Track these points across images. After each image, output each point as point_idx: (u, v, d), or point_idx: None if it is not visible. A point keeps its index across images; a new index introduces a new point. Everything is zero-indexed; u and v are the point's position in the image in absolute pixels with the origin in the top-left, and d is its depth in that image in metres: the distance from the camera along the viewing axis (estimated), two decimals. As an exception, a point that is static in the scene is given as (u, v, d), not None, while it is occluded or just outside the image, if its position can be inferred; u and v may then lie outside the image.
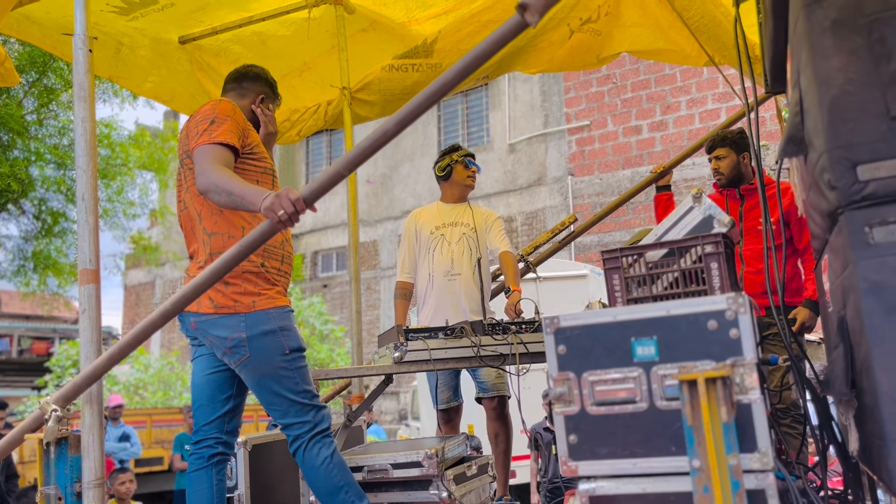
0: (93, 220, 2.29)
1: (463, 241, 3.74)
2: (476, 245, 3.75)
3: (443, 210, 3.87)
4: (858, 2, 1.86)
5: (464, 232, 3.77)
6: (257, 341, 2.29)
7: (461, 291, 3.68)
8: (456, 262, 3.71)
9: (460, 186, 3.87)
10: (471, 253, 3.74)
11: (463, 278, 3.69)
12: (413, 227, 3.88)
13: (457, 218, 3.81)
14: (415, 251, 3.85)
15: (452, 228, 3.78)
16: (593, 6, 3.83)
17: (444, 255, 3.72)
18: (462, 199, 3.90)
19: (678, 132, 12.32)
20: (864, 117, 1.81)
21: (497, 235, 3.77)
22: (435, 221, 3.83)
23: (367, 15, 4.07)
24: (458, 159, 3.84)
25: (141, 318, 19.70)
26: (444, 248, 3.74)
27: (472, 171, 3.86)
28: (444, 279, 3.70)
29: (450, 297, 3.67)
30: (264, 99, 2.66)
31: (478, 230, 3.76)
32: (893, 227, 1.76)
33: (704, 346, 1.78)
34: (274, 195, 1.95)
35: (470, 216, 3.81)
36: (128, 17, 3.80)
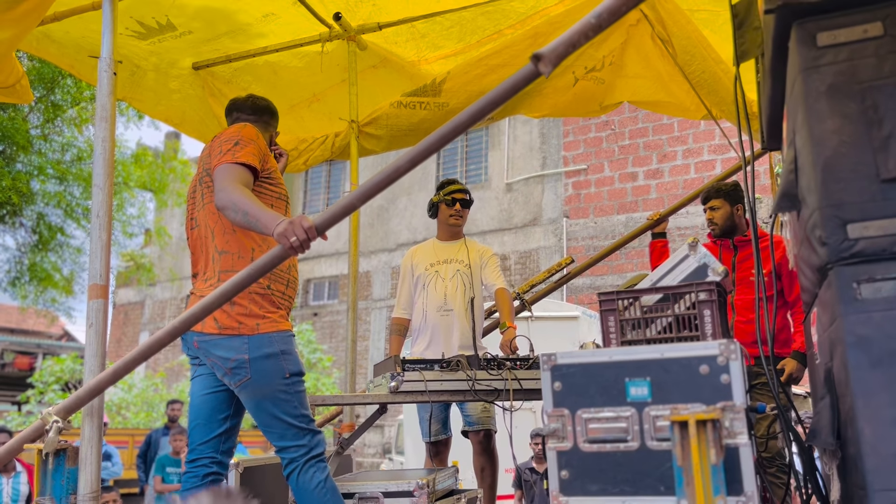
0: (105, 236, 2.34)
1: (457, 277, 3.80)
2: (470, 282, 3.80)
3: (438, 247, 3.93)
4: (853, 69, 1.96)
5: (458, 269, 3.82)
6: (258, 364, 2.33)
7: (453, 327, 3.73)
8: (449, 298, 3.76)
9: (445, 225, 3.93)
10: (464, 289, 3.79)
11: (456, 314, 3.74)
12: (409, 265, 3.94)
13: (451, 255, 3.87)
14: (411, 288, 3.91)
15: (447, 265, 3.84)
16: (598, 56, 3.96)
17: (438, 291, 3.78)
18: (455, 237, 3.95)
19: (673, 181, 12.50)
20: (855, 178, 1.90)
21: (493, 272, 3.83)
22: (430, 258, 3.89)
23: (378, 52, 4.19)
24: (441, 198, 3.91)
25: (128, 337, 19.58)
26: (437, 284, 3.79)
27: (455, 210, 3.88)
28: (437, 314, 3.75)
29: (442, 332, 3.72)
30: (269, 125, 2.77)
31: (472, 267, 3.82)
32: (881, 284, 1.84)
33: (696, 390, 1.84)
34: (288, 221, 2.02)
35: (465, 253, 3.86)
36: (145, 42, 3.91)
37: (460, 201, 3.90)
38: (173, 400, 9.03)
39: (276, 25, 3.95)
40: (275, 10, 3.81)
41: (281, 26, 3.97)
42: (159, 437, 8.53)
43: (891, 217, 1.85)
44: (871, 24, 1.98)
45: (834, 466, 2.20)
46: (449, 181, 3.98)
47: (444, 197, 3.91)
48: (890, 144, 1.87)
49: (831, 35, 2.00)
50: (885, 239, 1.84)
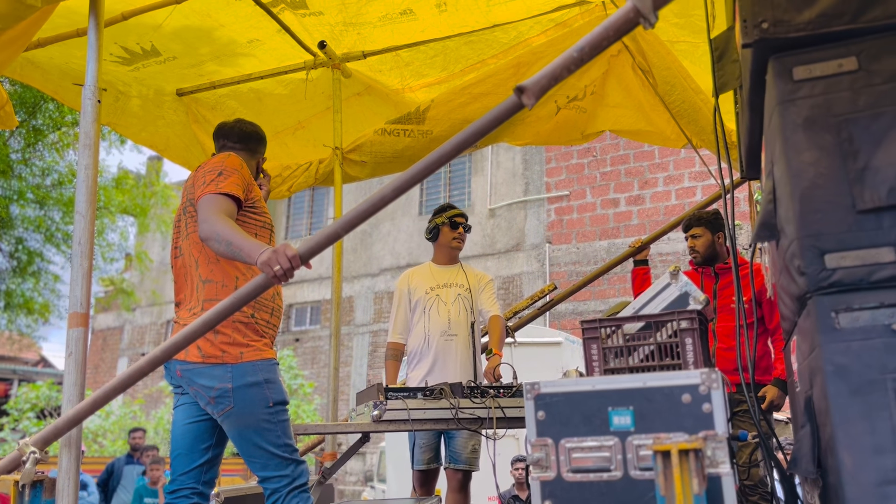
0: (87, 264, 2.33)
1: (459, 301, 3.77)
2: (471, 306, 3.79)
3: (436, 271, 3.90)
4: (829, 102, 2.01)
5: (459, 293, 3.79)
6: (242, 392, 2.32)
7: (457, 352, 3.69)
8: (453, 323, 3.73)
9: (447, 248, 3.91)
10: (467, 314, 3.76)
11: (460, 339, 3.71)
12: (406, 288, 3.89)
13: (451, 279, 3.84)
14: (407, 312, 3.85)
15: (447, 289, 3.81)
16: (580, 85, 4.01)
17: (441, 316, 3.74)
18: (453, 261, 3.93)
19: (654, 207, 12.62)
20: (832, 209, 1.94)
21: (489, 298, 3.83)
22: (429, 282, 3.85)
23: (362, 80, 4.22)
24: (445, 221, 3.90)
25: (106, 363, 19.31)
26: (440, 308, 3.76)
27: (458, 233, 3.89)
28: (441, 339, 3.70)
29: (447, 358, 3.68)
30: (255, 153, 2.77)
31: (472, 291, 3.81)
32: (858, 313, 1.87)
33: (678, 419, 1.85)
34: (271, 250, 2.02)
35: (464, 277, 3.85)
36: (129, 67, 3.91)
37: (462, 225, 3.92)
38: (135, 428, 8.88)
39: (260, 52, 3.98)
40: (259, 37, 3.84)
41: (266, 53, 3.99)
42: (122, 465, 8.35)
43: (867, 247, 1.88)
44: (846, 58, 2.03)
45: (815, 495, 2.22)
46: (449, 205, 3.98)
47: (446, 219, 3.90)
48: (865, 176, 1.91)
49: (807, 69, 2.05)
50: (861, 269, 1.88)
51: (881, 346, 1.81)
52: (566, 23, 3.86)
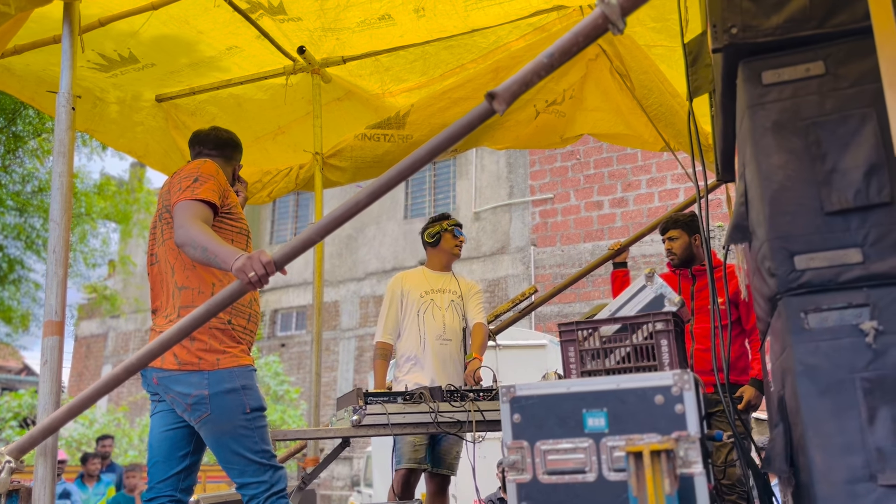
0: (62, 272, 2.32)
1: (452, 308, 3.85)
2: (462, 313, 3.88)
3: (429, 276, 3.97)
4: (797, 106, 2.04)
5: (452, 299, 3.88)
6: (219, 399, 2.31)
7: (450, 357, 3.75)
8: (448, 328, 3.80)
9: (448, 255, 3.99)
10: (459, 321, 3.86)
11: (454, 344, 3.79)
12: (399, 290, 3.93)
13: (444, 285, 3.93)
14: (398, 314, 3.89)
15: (441, 295, 3.88)
16: (559, 90, 4.04)
17: (437, 320, 3.80)
18: (448, 268, 4.03)
19: (638, 209, 12.69)
20: (801, 211, 1.97)
21: (476, 307, 3.91)
22: (423, 286, 3.91)
23: (342, 85, 4.22)
24: (448, 228, 3.98)
25: (90, 370, 19.15)
26: (434, 312, 3.82)
27: (459, 241, 4.01)
28: (436, 342, 3.76)
29: (444, 361, 3.73)
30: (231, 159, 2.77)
31: (464, 298, 3.90)
32: (827, 314, 1.90)
33: (651, 420, 1.87)
34: (246, 256, 2.02)
35: (456, 285, 3.95)
36: (107, 74, 3.90)
37: (462, 234, 4.04)
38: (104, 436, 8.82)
39: (240, 58, 3.97)
40: (238, 44, 3.83)
41: (245, 59, 3.99)
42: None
43: (835, 249, 1.91)
44: (814, 62, 2.06)
45: (789, 494, 2.24)
46: (448, 215, 4.09)
47: (449, 227, 3.99)
48: (833, 179, 1.94)
49: (776, 73, 2.08)
50: (830, 270, 1.90)
51: (849, 345, 1.84)
52: (544, 27, 3.88)
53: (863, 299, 1.87)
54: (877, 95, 1.94)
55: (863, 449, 1.78)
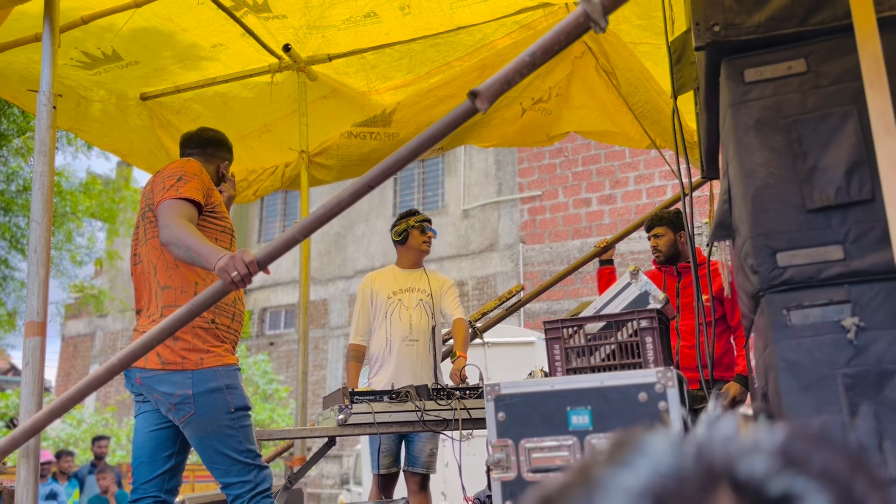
0: (43, 272, 2.30)
1: (420, 307, 3.80)
2: (432, 312, 3.81)
3: (399, 275, 3.92)
4: (779, 104, 2.05)
5: (420, 298, 3.83)
6: (203, 399, 2.30)
7: (418, 357, 3.72)
8: (414, 328, 3.76)
9: (416, 251, 3.93)
10: (428, 319, 3.80)
11: (421, 344, 3.75)
12: (369, 291, 3.91)
13: (413, 284, 3.87)
14: (369, 314, 3.87)
15: (409, 294, 3.84)
16: (545, 87, 4.04)
17: (403, 321, 3.77)
18: (418, 265, 3.96)
19: (626, 206, 12.73)
20: (783, 209, 1.98)
21: (452, 302, 3.85)
22: (392, 286, 3.87)
23: (328, 83, 4.21)
24: (415, 224, 3.92)
25: (77, 370, 19.03)
26: (401, 313, 3.78)
27: (428, 237, 3.93)
28: (402, 344, 3.73)
29: (409, 362, 3.70)
30: (228, 165, 2.77)
31: (434, 296, 3.84)
32: (808, 310, 1.91)
33: (635, 417, 1.87)
34: (229, 256, 2.01)
35: (426, 282, 3.88)
36: (91, 72, 3.87)
37: (431, 229, 3.97)
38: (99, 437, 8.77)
39: (225, 56, 3.95)
40: (223, 42, 3.81)
41: (230, 57, 3.97)
42: (85, 474, 8.26)
43: (816, 246, 1.92)
44: (795, 60, 2.07)
45: (772, 489, 2.25)
46: (416, 210, 4.02)
47: (416, 223, 3.93)
48: (814, 176, 1.95)
49: (758, 71, 2.09)
50: (811, 267, 1.91)
51: (831, 342, 1.85)
52: (530, 25, 3.88)
53: (844, 296, 1.88)
54: (858, 93, 1.94)
55: (844, 444, 1.79)
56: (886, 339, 1.81)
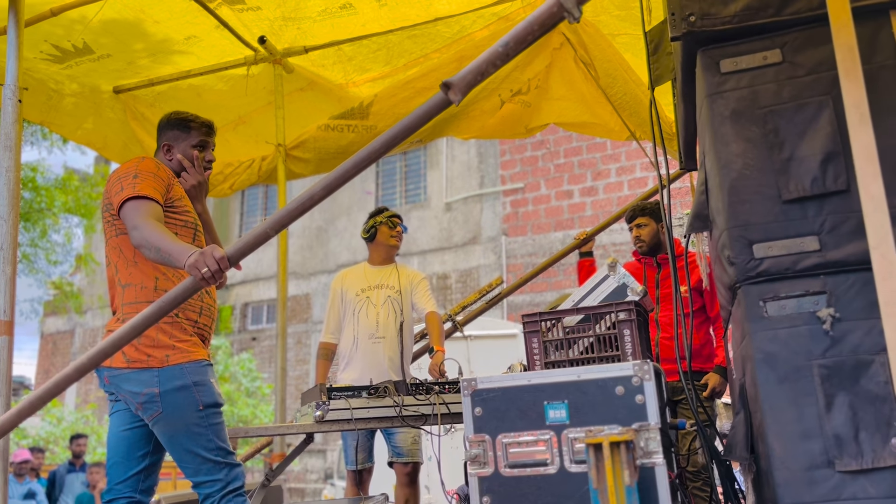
0: (10, 270, 2.25)
1: (388, 304, 3.79)
2: (400, 308, 3.80)
3: (369, 272, 3.91)
4: (754, 94, 2.04)
5: (389, 295, 3.81)
6: (170, 396, 2.26)
7: (384, 355, 3.71)
8: (381, 325, 3.75)
9: (385, 247, 3.92)
10: (395, 316, 3.78)
11: (387, 341, 3.73)
12: (339, 289, 3.90)
13: (382, 280, 3.86)
14: (339, 312, 3.87)
15: (378, 291, 3.82)
16: (523, 79, 4.02)
17: (370, 318, 3.76)
18: (388, 261, 3.94)
19: (608, 198, 12.75)
20: (759, 200, 1.97)
21: (423, 296, 3.83)
22: (360, 284, 3.87)
23: (305, 75, 4.16)
24: (382, 220, 3.91)
25: (57, 367, 18.83)
26: (369, 310, 3.78)
27: (396, 232, 3.92)
28: (368, 342, 3.73)
29: (374, 360, 3.70)
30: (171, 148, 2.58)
31: (402, 293, 3.82)
32: (785, 301, 1.90)
33: (612, 411, 1.86)
34: (199, 253, 1.97)
35: (396, 278, 3.86)
36: (62, 66, 3.79)
37: (400, 224, 3.96)
38: (77, 434, 8.67)
39: (198, 49, 3.89)
40: (197, 34, 3.75)
41: (204, 49, 3.91)
42: (64, 473, 8.17)
43: (793, 237, 1.92)
44: (771, 51, 2.06)
45: (749, 480, 2.26)
46: (385, 208, 4.03)
47: (384, 219, 3.93)
48: (790, 167, 1.95)
49: (733, 62, 2.08)
50: (787, 258, 1.91)
51: (807, 333, 1.85)
52: (509, 17, 3.85)
53: (820, 287, 1.88)
54: (833, 83, 1.94)
55: (821, 436, 1.79)
56: (862, 330, 1.81)
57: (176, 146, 2.57)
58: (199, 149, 2.61)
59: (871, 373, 1.78)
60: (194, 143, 2.60)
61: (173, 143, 2.57)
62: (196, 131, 2.60)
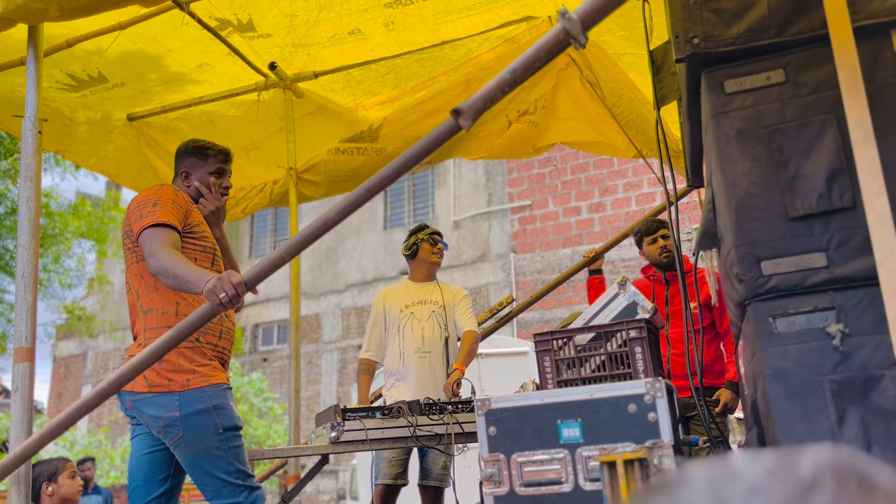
0: (31, 297, 2.29)
1: (433, 318, 3.84)
2: (444, 323, 3.86)
3: (411, 289, 3.98)
4: (759, 114, 2.07)
5: (433, 310, 3.87)
6: (191, 420, 2.29)
7: (433, 368, 3.75)
8: (427, 340, 3.79)
9: (427, 264, 3.99)
10: (441, 331, 3.83)
11: (434, 355, 3.78)
12: (381, 306, 3.96)
13: (426, 296, 3.92)
14: (381, 330, 3.91)
15: (422, 307, 3.88)
16: (530, 99, 4.07)
17: (415, 333, 3.80)
18: (430, 277, 4.02)
19: (616, 214, 12.78)
20: (766, 217, 2.00)
21: (464, 314, 3.89)
22: (404, 300, 3.92)
23: (315, 99, 4.22)
24: (424, 237, 3.99)
25: (69, 391, 18.90)
26: (414, 325, 3.82)
27: (437, 249, 4.01)
28: (415, 356, 3.76)
29: (422, 374, 3.73)
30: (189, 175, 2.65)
31: (446, 308, 3.88)
32: (794, 318, 1.92)
33: (625, 429, 1.88)
34: (216, 278, 2.01)
35: (439, 294, 3.93)
36: (76, 94, 3.87)
37: (441, 241, 4.05)
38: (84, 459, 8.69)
39: (210, 75, 3.96)
40: (209, 61, 3.82)
41: (216, 76, 3.98)
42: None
43: (800, 254, 1.94)
44: (774, 71, 2.10)
45: (764, 496, 2.26)
46: (426, 225, 4.11)
47: (426, 237, 4.00)
48: (795, 184, 1.97)
49: (737, 82, 2.11)
50: (796, 274, 1.93)
51: (816, 349, 1.87)
52: (514, 39, 3.91)
53: (828, 302, 1.90)
54: (836, 101, 1.97)
55: (833, 450, 1.80)
56: (871, 345, 1.83)
57: (194, 173, 2.63)
58: (216, 175, 2.67)
59: (882, 387, 1.80)
60: (212, 171, 2.66)
61: (191, 171, 2.63)
62: (213, 158, 2.67)
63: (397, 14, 3.51)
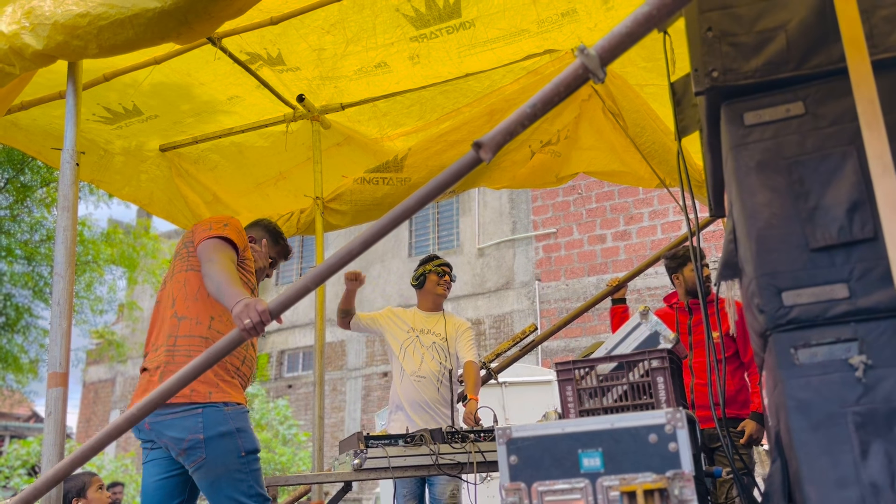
0: (66, 324, 2.36)
1: (433, 349, 3.95)
2: (446, 355, 3.95)
3: (419, 316, 4.11)
4: (779, 146, 2.09)
5: (434, 341, 3.99)
6: (214, 443, 2.34)
7: (425, 392, 3.85)
8: (424, 366, 3.91)
9: (433, 295, 4.11)
10: (438, 361, 3.93)
11: (427, 381, 3.87)
12: (390, 315, 4.13)
13: (430, 326, 4.04)
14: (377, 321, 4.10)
15: (426, 335, 4.02)
16: (553, 130, 4.11)
17: (415, 358, 3.94)
18: (436, 308, 4.11)
19: (641, 242, 12.73)
20: (787, 248, 2.00)
21: (465, 345, 3.96)
22: (411, 323, 4.07)
23: (341, 130, 4.31)
24: (431, 269, 4.09)
25: (98, 416, 19.10)
26: (416, 349, 3.96)
27: (444, 281, 4.10)
28: (412, 378, 3.90)
29: (417, 397, 3.85)
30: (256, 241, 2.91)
31: (448, 340, 3.98)
32: (816, 349, 1.92)
33: (646, 459, 1.88)
34: (244, 304, 2.07)
35: (442, 326, 4.02)
36: (112, 126, 3.99)
37: (448, 274, 4.14)
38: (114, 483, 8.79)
39: (240, 107, 4.07)
40: (239, 94, 3.93)
41: (245, 108, 4.08)
42: None
43: (821, 284, 1.94)
44: (793, 103, 2.12)
45: (789, 529, 2.24)
46: (435, 256, 4.23)
47: (433, 268, 4.10)
48: (816, 216, 1.98)
49: (757, 115, 2.14)
50: (817, 305, 1.93)
51: (839, 380, 1.86)
52: (538, 70, 3.97)
53: (851, 334, 1.89)
54: (856, 134, 1.98)
55: (857, 483, 1.79)
56: (895, 377, 1.82)
57: (259, 243, 2.85)
58: (272, 259, 2.91)
59: (906, 420, 1.78)
60: (272, 254, 2.92)
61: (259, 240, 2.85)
62: (280, 247, 2.95)
63: (423, 47, 3.59)
